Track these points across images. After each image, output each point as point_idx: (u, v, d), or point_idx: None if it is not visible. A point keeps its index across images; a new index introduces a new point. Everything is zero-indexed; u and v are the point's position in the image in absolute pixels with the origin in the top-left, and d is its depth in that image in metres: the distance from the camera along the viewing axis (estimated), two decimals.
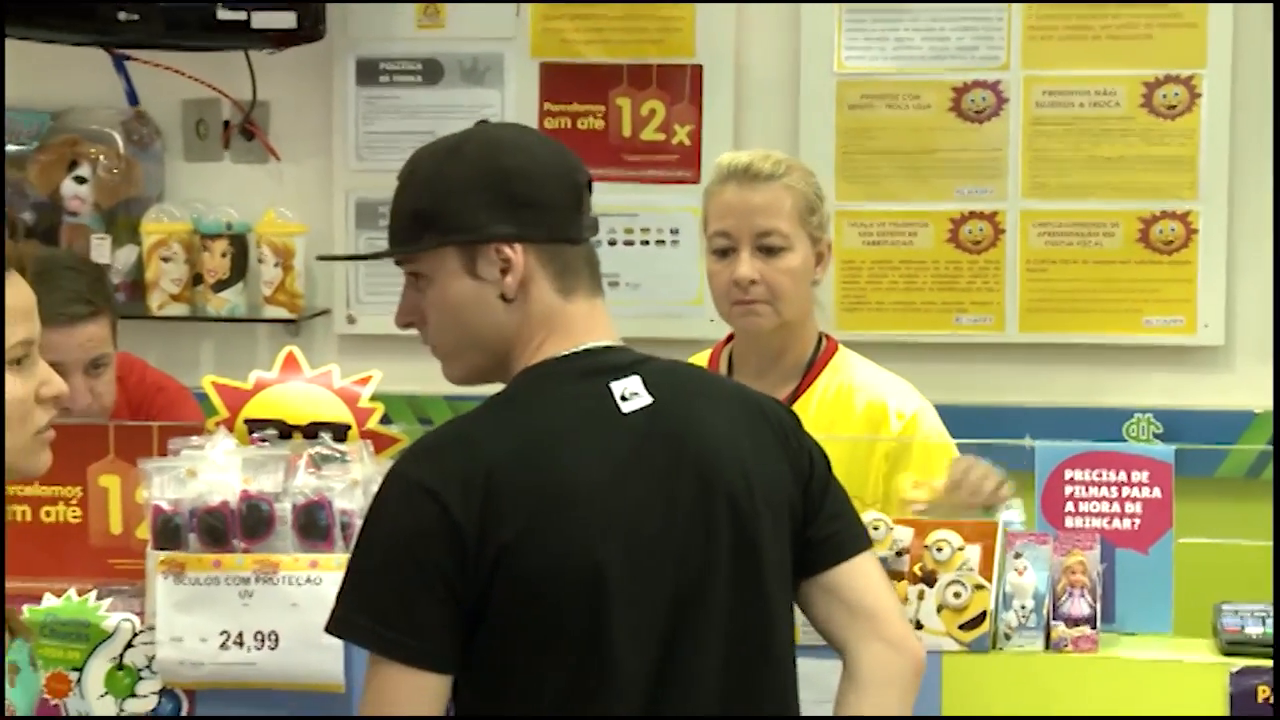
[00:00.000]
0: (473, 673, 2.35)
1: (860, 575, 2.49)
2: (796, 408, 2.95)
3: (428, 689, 2.30)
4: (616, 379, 2.37)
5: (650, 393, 2.37)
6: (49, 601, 2.92)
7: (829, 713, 2.53)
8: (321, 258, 3.14)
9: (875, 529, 2.81)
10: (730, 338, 3.43)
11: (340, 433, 3.00)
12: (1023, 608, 2.86)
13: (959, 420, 3.50)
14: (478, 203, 2.39)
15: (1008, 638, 2.86)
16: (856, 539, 2.51)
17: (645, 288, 4.65)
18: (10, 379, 2.18)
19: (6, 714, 2.15)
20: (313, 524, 2.85)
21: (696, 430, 2.39)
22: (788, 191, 3.28)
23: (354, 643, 2.37)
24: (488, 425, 2.38)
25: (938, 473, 3.22)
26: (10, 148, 4.78)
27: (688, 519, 2.35)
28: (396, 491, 2.34)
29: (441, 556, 2.28)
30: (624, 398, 2.37)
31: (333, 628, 2.35)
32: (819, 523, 2.47)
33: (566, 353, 2.40)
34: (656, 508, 2.34)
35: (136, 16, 4.53)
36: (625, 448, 2.35)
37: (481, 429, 2.38)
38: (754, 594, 2.39)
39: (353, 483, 2.86)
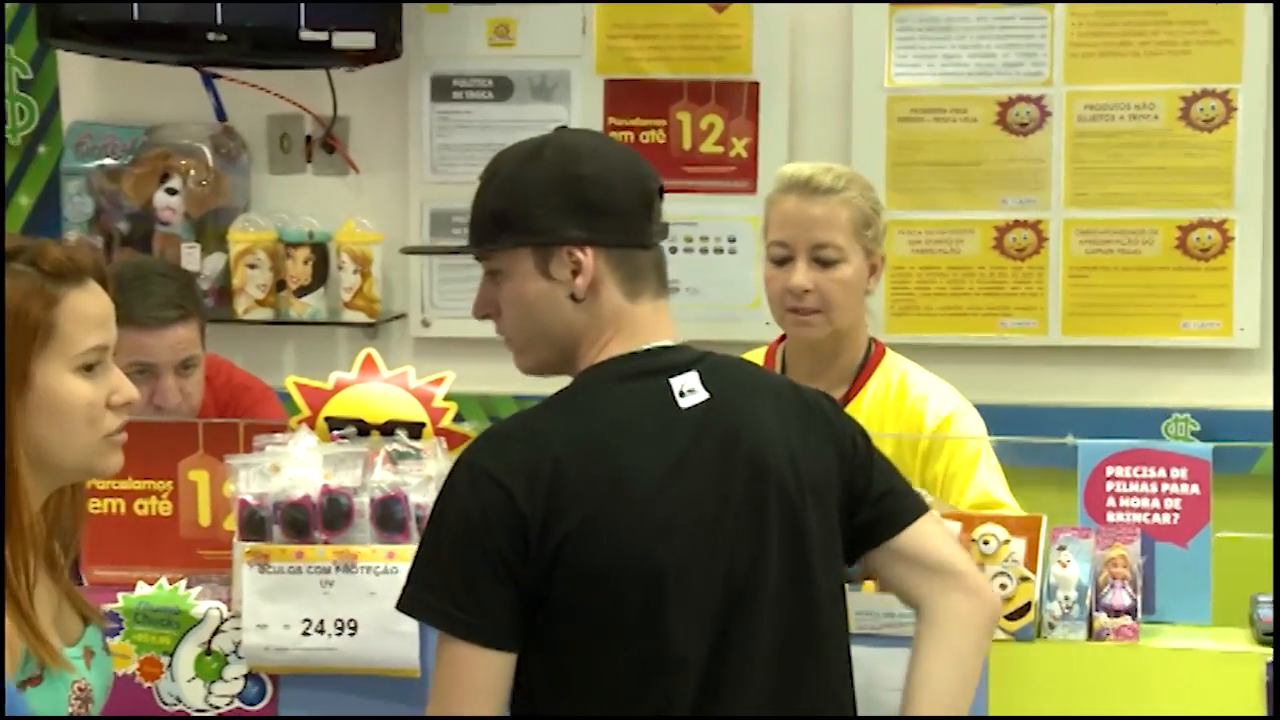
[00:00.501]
0: (533, 657, 2.36)
1: (926, 536, 2.50)
2: (848, 410, 2.94)
3: (491, 666, 2.31)
4: (675, 376, 2.38)
5: (707, 389, 2.38)
6: (142, 590, 2.94)
7: (879, 697, 2.53)
8: (406, 250, 3.12)
9: None
10: (783, 337, 3.42)
11: (415, 430, 3.00)
12: (1066, 599, 2.84)
13: (1004, 420, 3.49)
14: (552, 206, 2.40)
15: (1051, 627, 2.85)
16: (912, 506, 2.51)
17: (704, 293, 4.64)
18: (81, 383, 2.18)
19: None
20: (389, 517, 2.85)
21: (749, 424, 2.39)
22: (845, 206, 3.25)
23: (421, 620, 2.39)
24: (553, 419, 2.39)
25: (965, 471, 3.24)
26: (106, 161, 4.81)
27: (740, 509, 2.36)
28: (465, 480, 2.35)
29: (505, 543, 2.29)
30: (682, 394, 2.37)
31: (403, 604, 2.37)
32: (872, 498, 2.48)
33: (630, 351, 2.40)
34: (711, 499, 2.35)
35: (225, 37, 4.54)
36: (683, 441, 2.36)
37: (547, 423, 2.39)
38: (803, 580, 2.39)
39: (427, 478, 2.86)
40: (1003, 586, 2.81)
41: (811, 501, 2.39)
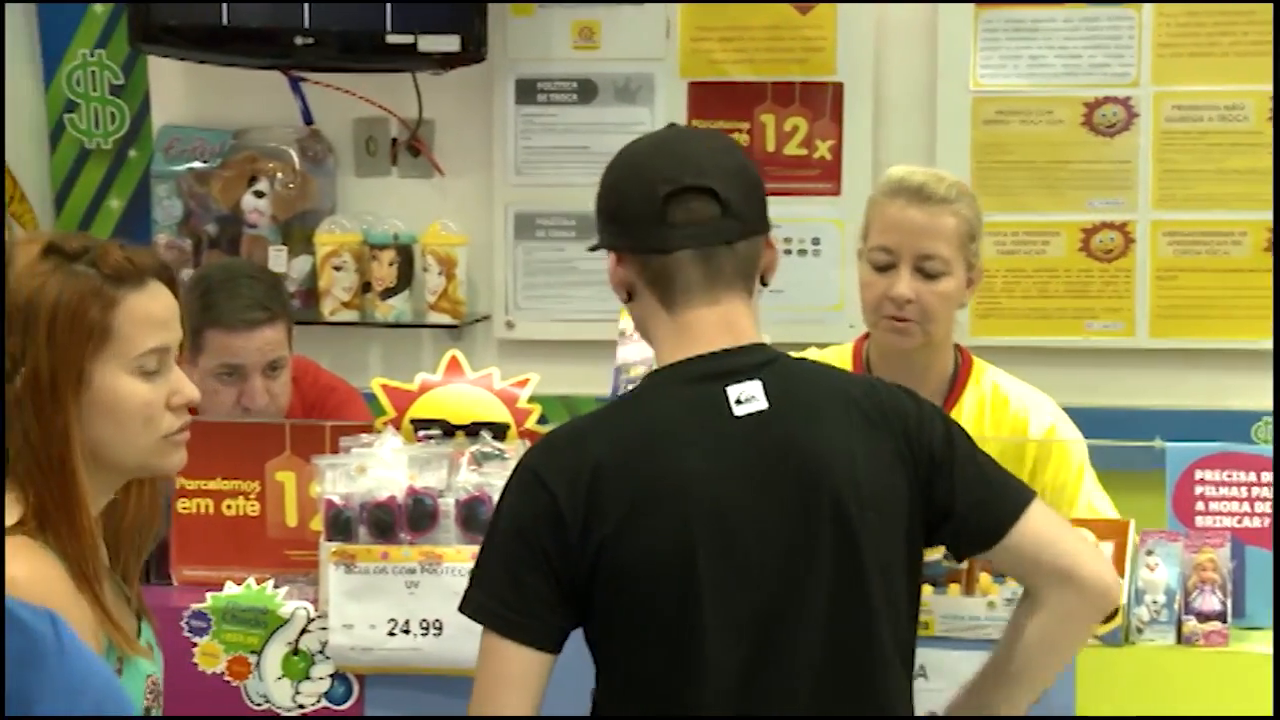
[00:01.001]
0: (594, 657, 2.38)
1: (1028, 537, 2.42)
2: None
3: (531, 664, 2.32)
4: (734, 383, 2.35)
5: (768, 397, 2.34)
6: (230, 589, 2.96)
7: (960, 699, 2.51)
8: (594, 248, 2.91)
9: None
10: (867, 335, 3.34)
11: (500, 432, 3.01)
12: (1154, 603, 2.82)
13: (1091, 422, 3.46)
14: (597, 211, 2.48)
15: (1140, 631, 2.82)
16: (1008, 511, 2.42)
17: (788, 294, 4.61)
18: (139, 385, 2.18)
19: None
20: (474, 518, 2.86)
21: (806, 436, 2.35)
22: (955, 218, 3.16)
23: (468, 616, 2.37)
24: (602, 424, 2.41)
25: (1072, 487, 3.21)
26: (195, 165, 4.84)
27: (789, 522, 2.33)
28: (517, 480, 2.37)
29: (548, 542, 2.30)
30: (739, 401, 2.34)
31: (461, 605, 2.39)
32: (959, 511, 2.41)
33: (684, 358, 2.38)
34: (757, 509, 2.32)
35: (312, 41, 4.57)
36: (732, 449, 2.33)
37: (596, 427, 2.40)
38: (856, 600, 2.34)
39: None
40: None
41: (872, 518, 2.34)
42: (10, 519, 2.05)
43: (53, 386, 2.09)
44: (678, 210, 2.36)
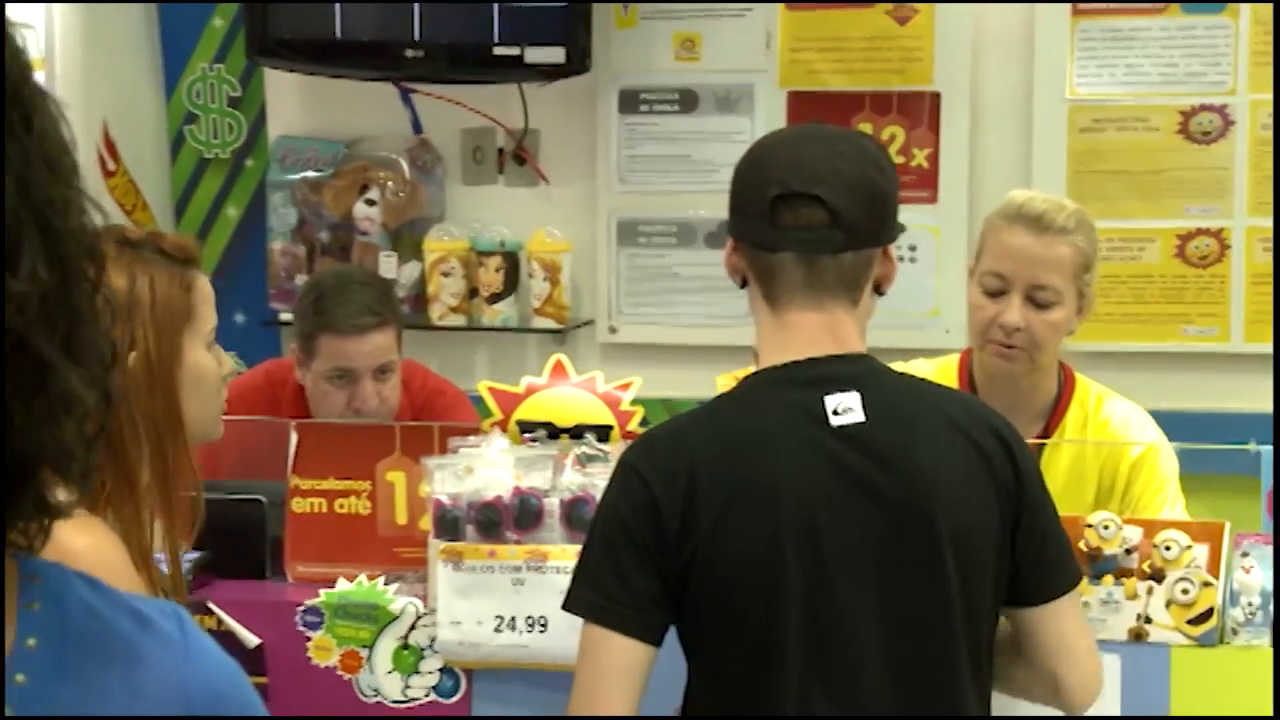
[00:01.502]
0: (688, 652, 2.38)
1: (1053, 621, 2.42)
2: (1049, 445, 2.91)
3: (634, 657, 2.31)
4: (832, 393, 2.32)
5: (865, 410, 2.31)
6: (342, 585, 2.98)
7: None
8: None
9: (1106, 528, 2.76)
10: (972, 349, 3.31)
11: (604, 433, 3.01)
12: (1249, 605, 2.78)
13: (1185, 426, 3.43)
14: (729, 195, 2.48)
15: (1235, 633, 2.78)
16: (1055, 584, 2.42)
17: (885, 299, 4.56)
18: (210, 357, 2.35)
19: None
20: (578, 518, 2.86)
21: (901, 453, 2.33)
22: (1071, 249, 3.09)
23: (575, 614, 2.36)
24: (700, 423, 2.40)
25: (1156, 500, 3.16)
26: (309, 174, 4.88)
27: (876, 535, 2.31)
28: (618, 476, 2.37)
29: (648, 536, 2.30)
30: (836, 411, 2.31)
31: (564, 603, 2.38)
32: (1026, 556, 2.39)
33: (786, 362, 2.36)
34: (846, 519, 2.30)
35: (422, 54, 4.60)
36: (825, 458, 2.31)
37: (694, 426, 2.40)
38: (937, 615, 2.32)
39: None
40: (1185, 592, 2.76)
41: (960, 536, 2.32)
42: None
43: (160, 365, 2.21)
44: (785, 213, 2.34)
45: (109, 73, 4.76)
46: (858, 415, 2.31)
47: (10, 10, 0.95)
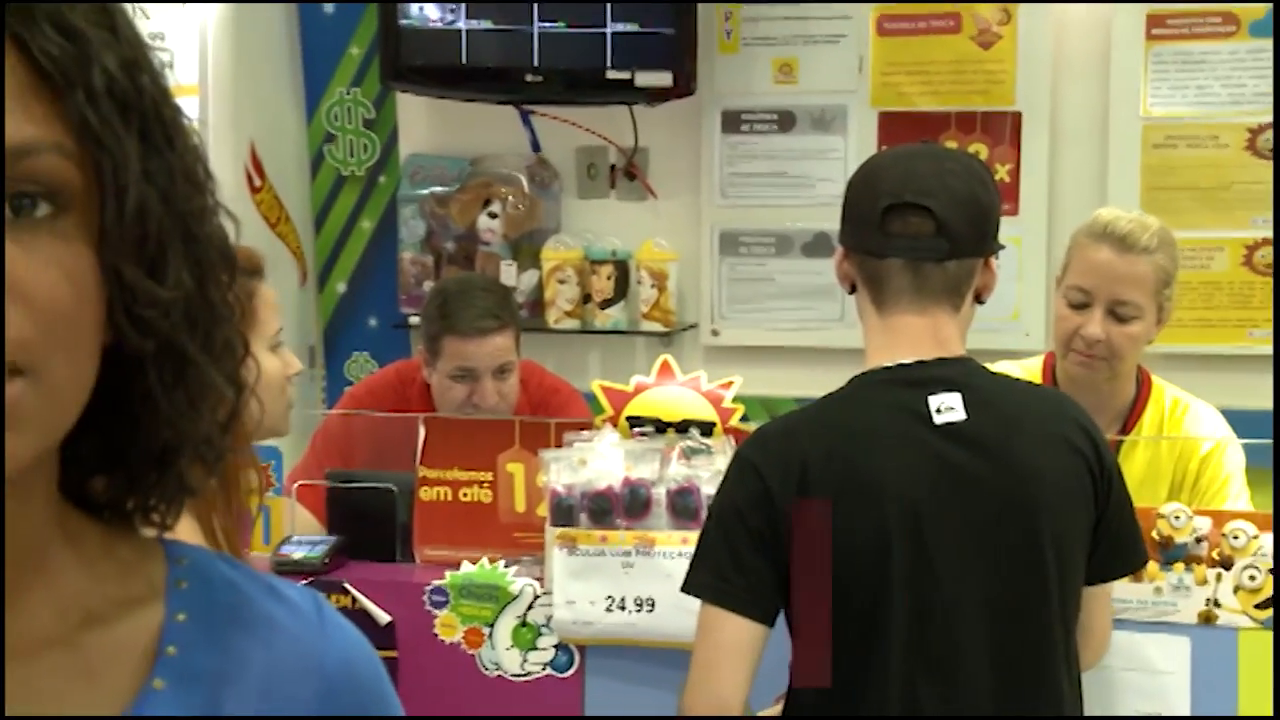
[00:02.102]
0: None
1: (1089, 601, 2.41)
2: (1126, 442, 2.88)
3: (747, 635, 2.29)
4: (935, 393, 2.31)
5: (966, 410, 2.30)
6: (466, 568, 2.99)
7: (1132, 680, 2.46)
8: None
9: (1177, 519, 2.73)
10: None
11: (707, 429, 3.00)
12: None
13: (1251, 424, 3.37)
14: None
15: None
16: (1115, 567, 2.43)
17: None
18: (274, 359, 2.40)
19: None
20: (683, 506, 2.86)
21: (1001, 449, 2.30)
22: (1153, 267, 3.04)
23: (695, 596, 2.35)
24: (811, 421, 2.37)
25: (1222, 490, 3.13)
26: (436, 189, 4.90)
27: (975, 529, 2.28)
28: (734, 469, 2.36)
29: (762, 524, 2.29)
30: (938, 410, 2.29)
31: (683, 586, 2.37)
32: (1099, 545, 2.38)
33: (891, 364, 2.35)
34: (948, 513, 2.28)
35: (541, 78, 4.61)
36: (928, 455, 2.29)
37: (805, 423, 2.37)
38: (1036, 603, 2.30)
39: (717, 472, 2.85)
40: (1252, 578, 2.72)
41: (1057, 540, 2.30)
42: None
43: None
44: (895, 222, 2.33)
45: (256, 98, 4.81)
46: (959, 414, 2.30)
47: (162, 36, 0.96)
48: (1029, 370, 3.23)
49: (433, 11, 4.64)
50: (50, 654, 0.93)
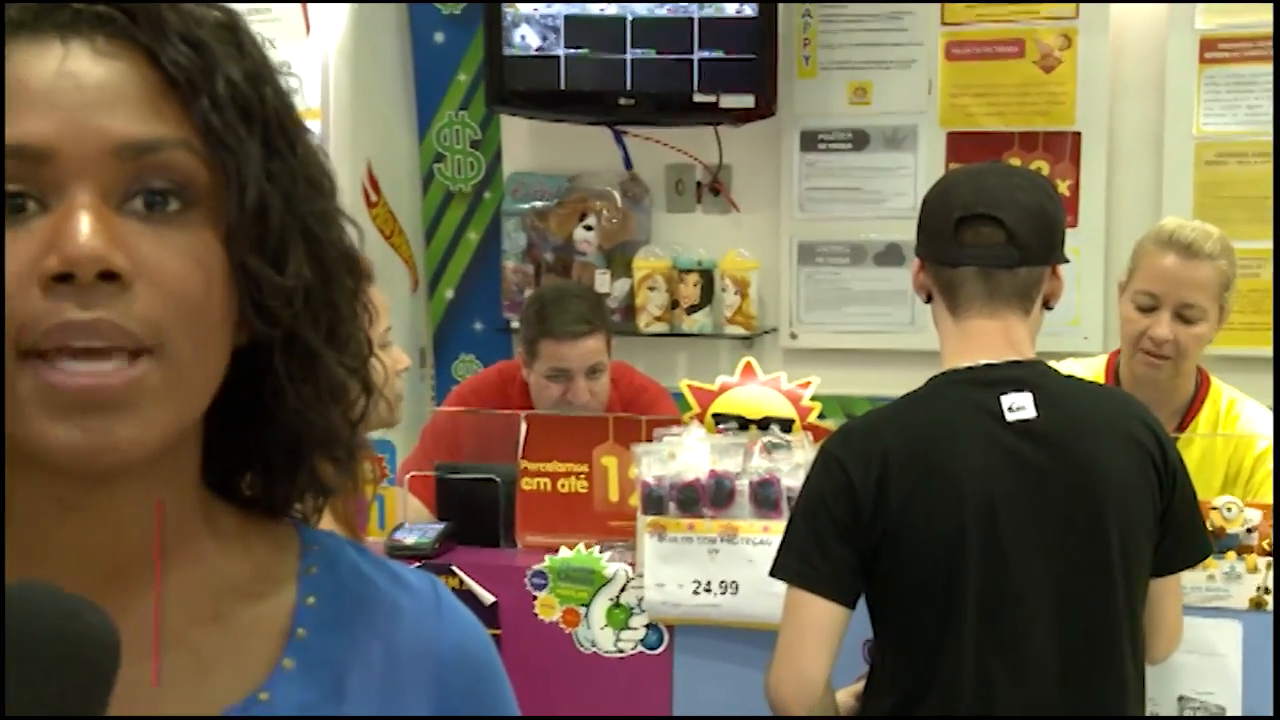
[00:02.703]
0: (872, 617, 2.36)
1: (1161, 593, 2.38)
2: (1183, 438, 2.85)
3: (830, 616, 2.29)
4: (1007, 392, 2.30)
5: (1037, 408, 2.29)
6: (564, 553, 3.00)
7: (1193, 663, 2.42)
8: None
9: (1229, 510, 2.70)
10: (1118, 351, 3.24)
11: (786, 425, 3.00)
12: None
13: None
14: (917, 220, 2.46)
15: None
16: (1179, 560, 2.39)
17: None
18: (380, 355, 2.38)
19: None
20: (765, 497, 2.86)
21: (1069, 446, 2.29)
22: (1215, 271, 3.03)
23: (779, 578, 2.35)
24: (891, 418, 2.37)
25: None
26: (536, 204, 4.90)
27: (1044, 519, 2.27)
28: (820, 463, 2.36)
29: (845, 513, 2.28)
30: (1010, 409, 2.29)
31: (772, 570, 2.37)
32: (1165, 538, 2.35)
33: (966, 365, 2.34)
34: (1020, 505, 2.27)
35: (633, 101, 4.61)
36: (1001, 450, 2.28)
37: (886, 421, 2.37)
38: (1100, 601, 2.28)
39: (796, 465, 2.86)
40: None
41: (1123, 530, 2.28)
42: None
43: None
44: (968, 232, 2.33)
45: (373, 121, 4.84)
46: (1030, 412, 2.29)
47: (288, 64, 0.96)
48: (1092, 369, 3.20)
49: (534, 40, 4.65)
50: (193, 631, 0.94)
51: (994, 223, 2.33)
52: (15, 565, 0.90)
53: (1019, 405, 2.29)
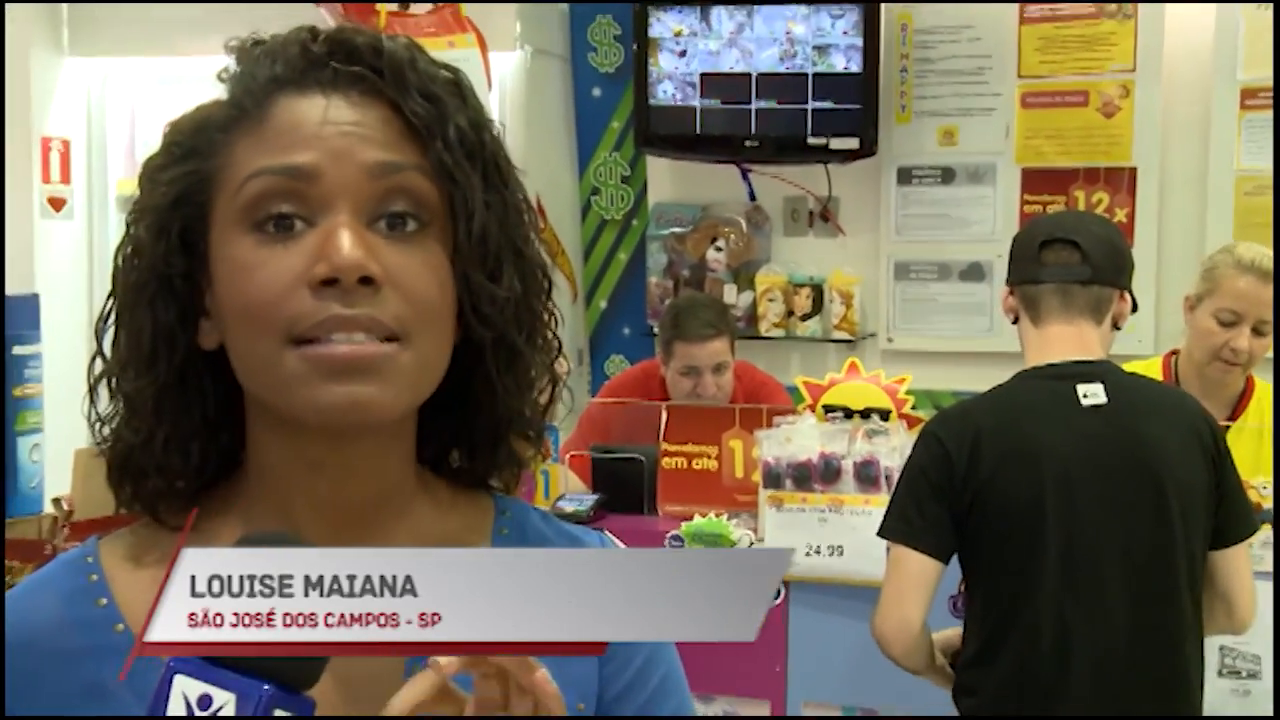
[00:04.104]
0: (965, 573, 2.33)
1: (1232, 560, 2.30)
2: (1235, 426, 2.79)
3: (927, 568, 2.27)
4: (1082, 383, 2.28)
5: (1108, 396, 2.27)
6: (697, 520, 3.00)
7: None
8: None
9: (1265, 488, 2.64)
10: (1174, 352, 3.17)
11: (885, 415, 2.98)
12: None
13: None
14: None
15: None
16: (1236, 532, 2.31)
17: None
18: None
19: None
20: (866, 475, 2.84)
21: (1136, 429, 2.26)
22: None
23: (887, 539, 2.33)
24: (982, 403, 2.35)
25: None
26: (675, 229, 4.91)
27: (1118, 490, 2.23)
28: (921, 441, 2.34)
29: (942, 480, 2.27)
30: (1085, 396, 2.27)
31: (879, 531, 2.35)
32: (1220, 512, 2.29)
33: (1044, 363, 2.32)
34: (1094, 476, 2.24)
35: (757, 144, 4.60)
36: (1078, 430, 2.25)
37: (977, 405, 2.35)
38: (1162, 558, 2.23)
39: (892, 448, 2.84)
40: None
41: (1181, 499, 2.24)
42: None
43: None
44: (1049, 254, 2.34)
45: (541, 160, 4.88)
46: (1102, 399, 2.27)
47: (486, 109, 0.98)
48: (1150, 367, 3.16)
49: (674, 93, 4.66)
50: None
51: (1071, 245, 2.33)
52: (269, 516, 0.93)
53: (1093, 393, 2.28)
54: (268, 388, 0.88)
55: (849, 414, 3.00)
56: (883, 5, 4.55)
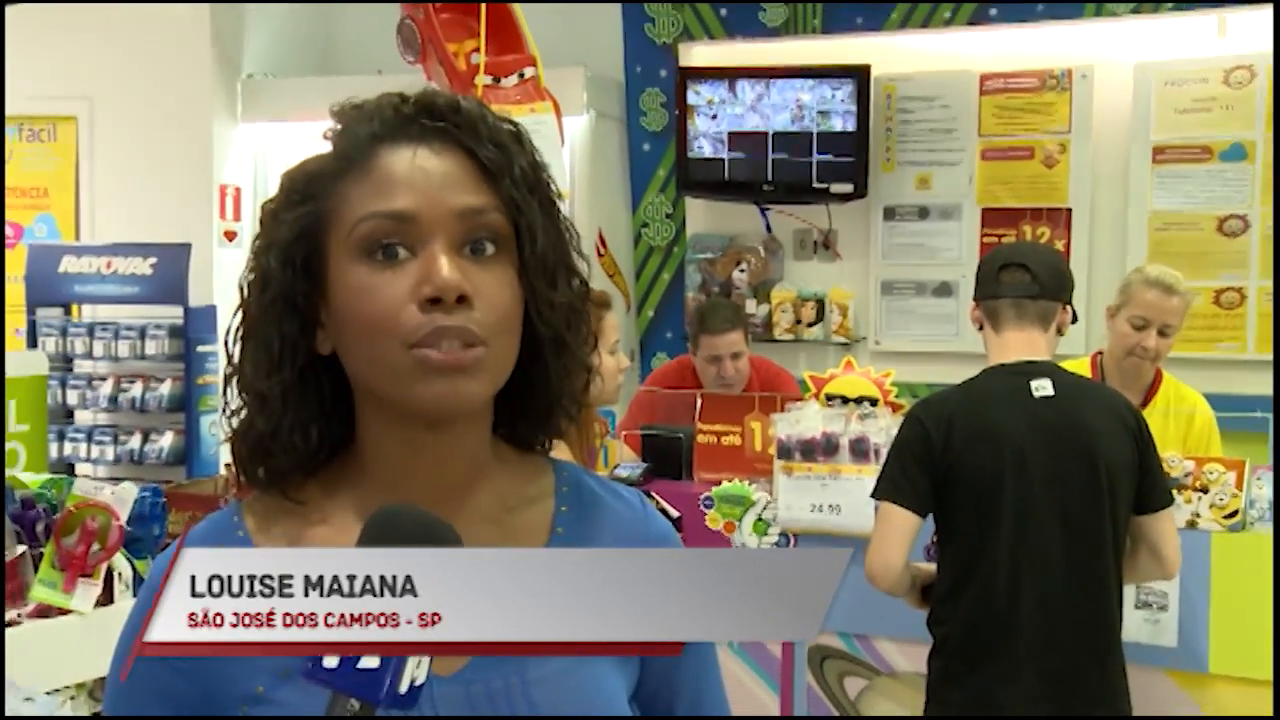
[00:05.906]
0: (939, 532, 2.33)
1: (1158, 523, 2.29)
2: (1147, 410, 2.78)
3: (905, 519, 2.26)
4: (1034, 378, 2.27)
5: (1054, 389, 2.26)
6: (725, 485, 3.00)
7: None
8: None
9: (1172, 461, 2.62)
10: (1099, 353, 3.13)
11: (874, 402, 2.98)
12: (1259, 507, 2.63)
13: (1223, 402, 3.20)
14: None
15: (1252, 524, 2.63)
16: (1159, 499, 2.29)
17: None
18: (610, 359, 2.34)
19: None
20: (859, 450, 2.84)
21: (1077, 416, 2.25)
22: (1184, 302, 2.95)
23: (878, 499, 2.30)
24: (955, 393, 2.35)
25: (1214, 444, 2.98)
26: (708, 255, 4.91)
27: (1057, 462, 2.23)
28: (906, 421, 2.34)
29: (923, 452, 2.26)
30: (1037, 389, 2.26)
31: (872, 493, 2.33)
32: (1144, 483, 2.27)
33: (1004, 362, 2.32)
34: (1043, 454, 2.23)
35: (773, 187, 4.61)
36: (1030, 415, 2.25)
37: (952, 394, 2.35)
38: (1097, 515, 2.22)
39: (880, 429, 2.84)
40: (1221, 499, 2.60)
41: (1110, 474, 2.23)
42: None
43: None
44: (1006, 275, 2.33)
45: (602, 201, 4.89)
46: (1050, 391, 2.26)
47: (548, 166, 0.96)
48: (1081, 364, 3.14)
49: (708, 148, 4.68)
50: (486, 527, 0.93)
51: (1023, 269, 2.32)
52: (382, 491, 0.90)
53: (1042, 386, 2.27)
54: (385, 383, 0.87)
55: (845, 401, 3.00)
56: (872, 79, 4.55)
